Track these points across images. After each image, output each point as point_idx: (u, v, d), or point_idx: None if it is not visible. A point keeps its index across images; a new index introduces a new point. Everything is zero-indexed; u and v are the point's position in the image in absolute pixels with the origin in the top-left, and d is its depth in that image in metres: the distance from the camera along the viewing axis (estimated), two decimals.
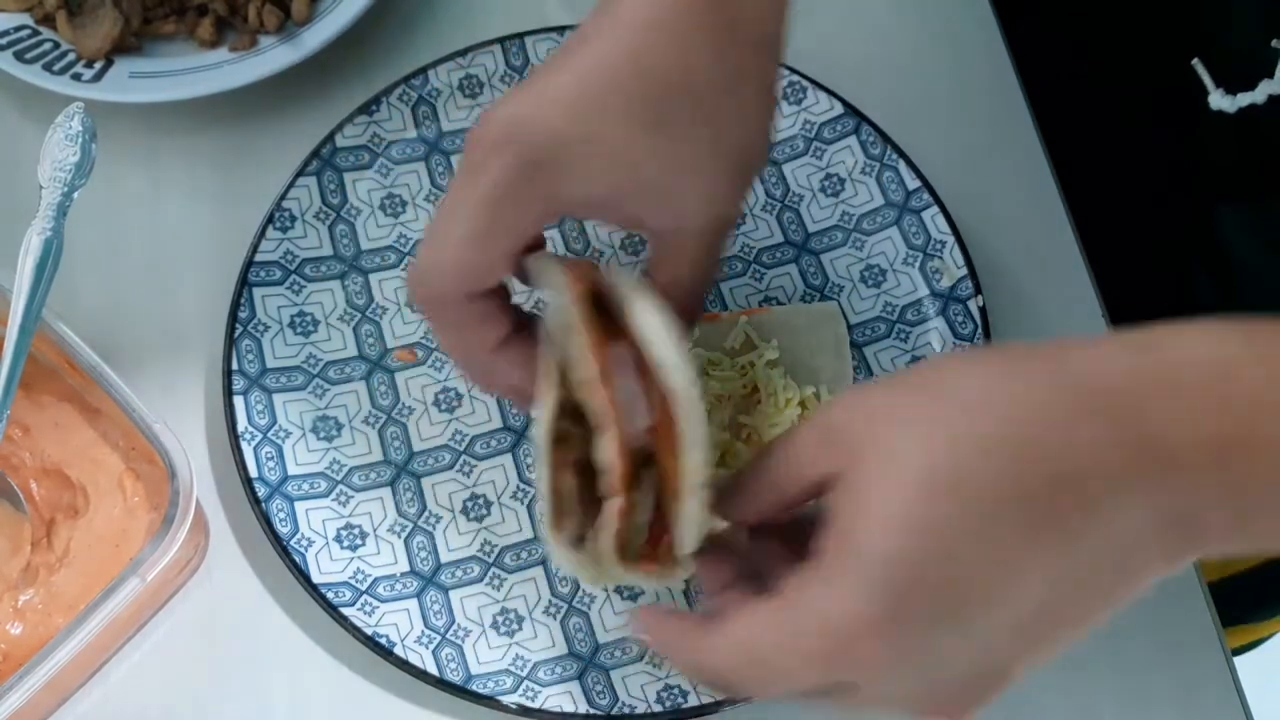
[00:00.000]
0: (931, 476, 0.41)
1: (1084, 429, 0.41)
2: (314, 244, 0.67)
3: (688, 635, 0.45)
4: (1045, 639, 0.43)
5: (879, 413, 0.43)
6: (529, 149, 0.47)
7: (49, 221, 0.60)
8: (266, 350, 0.65)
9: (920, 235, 0.68)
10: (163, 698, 0.60)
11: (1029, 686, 0.61)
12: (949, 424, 0.41)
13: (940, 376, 0.44)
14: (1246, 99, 0.65)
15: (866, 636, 0.41)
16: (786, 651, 0.42)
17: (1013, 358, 0.43)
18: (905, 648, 0.41)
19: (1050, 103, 0.74)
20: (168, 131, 0.72)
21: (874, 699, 0.43)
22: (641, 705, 0.58)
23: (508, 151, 0.47)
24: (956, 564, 0.41)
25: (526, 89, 0.49)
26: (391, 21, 0.75)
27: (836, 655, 0.41)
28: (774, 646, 0.42)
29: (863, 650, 0.41)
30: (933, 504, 0.41)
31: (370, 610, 0.60)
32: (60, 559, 0.59)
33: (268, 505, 0.61)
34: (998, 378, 0.42)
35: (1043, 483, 0.41)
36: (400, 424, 0.64)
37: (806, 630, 0.42)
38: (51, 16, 0.72)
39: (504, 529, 0.62)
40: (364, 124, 0.69)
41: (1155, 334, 0.42)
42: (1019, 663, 0.43)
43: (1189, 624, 0.63)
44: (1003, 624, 0.42)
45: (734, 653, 0.44)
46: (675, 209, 0.50)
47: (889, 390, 0.44)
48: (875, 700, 0.43)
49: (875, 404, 0.44)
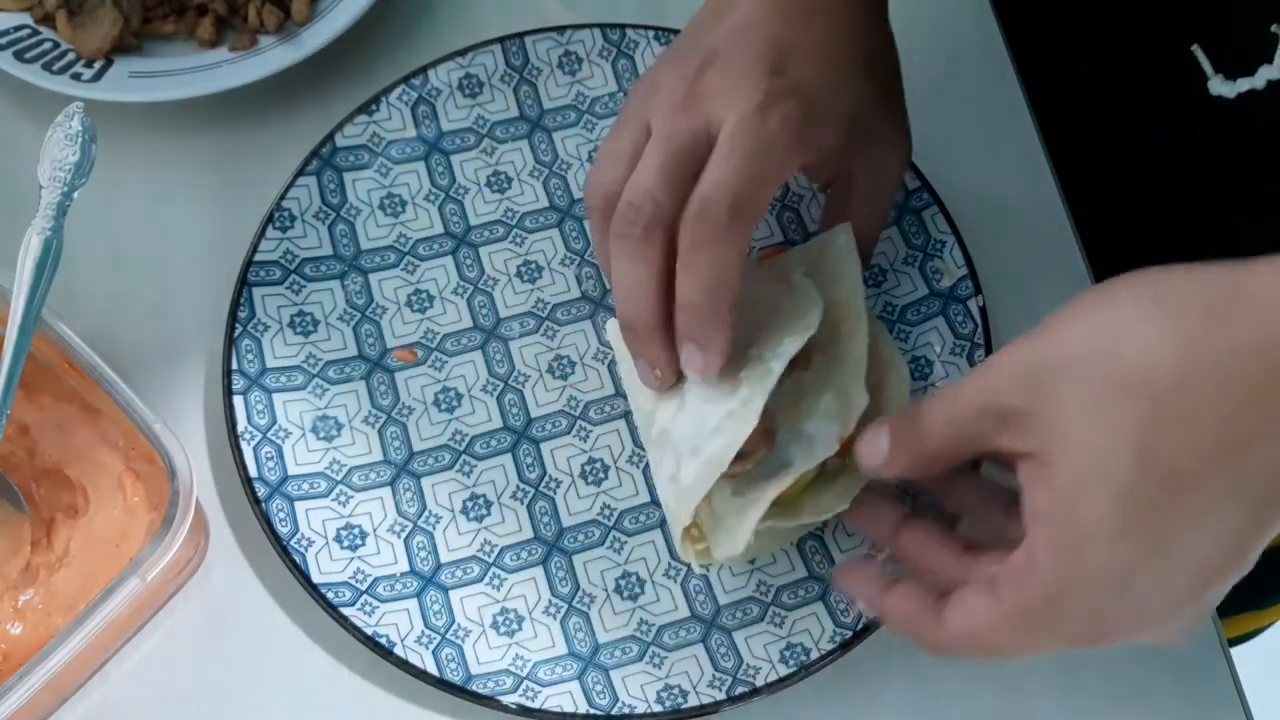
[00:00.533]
0: (1137, 477, 0.44)
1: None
2: (314, 243, 0.67)
3: (919, 621, 0.50)
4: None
5: (1068, 401, 0.45)
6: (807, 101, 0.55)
7: (49, 221, 0.60)
8: (266, 350, 0.65)
9: (920, 235, 0.68)
10: (163, 698, 0.60)
11: (1023, 680, 0.61)
12: (1146, 417, 0.44)
13: (1119, 347, 0.45)
14: (1246, 84, 0.65)
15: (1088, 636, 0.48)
16: (1013, 645, 0.48)
17: (1191, 318, 0.44)
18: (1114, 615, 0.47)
19: (1050, 103, 0.74)
20: (168, 131, 0.72)
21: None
22: (641, 705, 0.58)
23: (792, 100, 0.55)
24: (1164, 558, 0.45)
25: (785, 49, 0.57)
26: (391, 21, 0.75)
27: (1056, 641, 0.48)
28: (1002, 642, 0.48)
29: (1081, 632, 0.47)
30: (1142, 512, 0.44)
31: (370, 610, 0.60)
32: (60, 559, 0.59)
33: (268, 505, 0.61)
34: (1186, 348, 0.44)
35: (1238, 447, 0.44)
36: (400, 424, 0.64)
37: (1030, 627, 0.47)
38: (51, 16, 0.72)
39: (504, 529, 0.62)
40: (364, 124, 0.69)
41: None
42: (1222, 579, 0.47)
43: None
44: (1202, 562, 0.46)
45: (964, 645, 0.49)
46: (884, 156, 0.60)
47: (1070, 373, 0.46)
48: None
49: (1061, 389, 0.46)
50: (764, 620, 0.60)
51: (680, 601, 0.61)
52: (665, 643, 0.60)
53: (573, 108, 0.71)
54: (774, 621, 0.60)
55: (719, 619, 0.61)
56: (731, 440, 0.55)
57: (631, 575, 0.61)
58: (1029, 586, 0.46)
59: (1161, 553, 0.45)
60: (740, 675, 0.59)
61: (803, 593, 0.61)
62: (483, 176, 0.70)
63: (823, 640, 0.60)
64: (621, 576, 0.61)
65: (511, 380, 0.65)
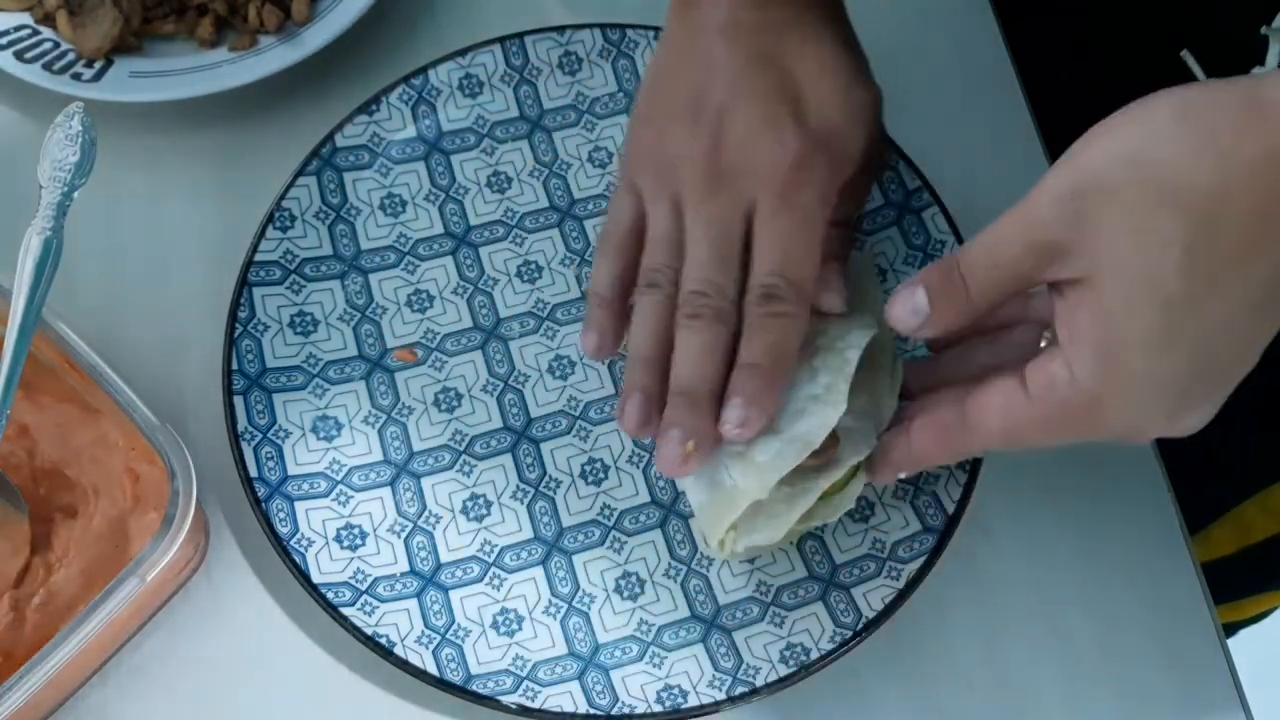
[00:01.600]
0: (1181, 290, 0.47)
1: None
2: (314, 243, 0.67)
3: (948, 438, 0.55)
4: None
5: (1113, 226, 0.48)
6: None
7: (49, 221, 0.60)
8: (266, 350, 0.65)
9: (920, 235, 0.68)
10: (163, 698, 0.60)
11: (1023, 678, 0.61)
12: (1189, 232, 0.47)
13: (1157, 169, 0.47)
14: None
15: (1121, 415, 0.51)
16: (1050, 441, 0.53)
17: (1220, 132, 0.46)
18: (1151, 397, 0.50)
19: (1050, 103, 0.74)
20: (167, 131, 0.72)
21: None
22: (641, 705, 0.58)
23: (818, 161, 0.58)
24: (1199, 362, 0.49)
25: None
26: (391, 21, 0.75)
27: (1093, 438, 0.52)
28: (1038, 438, 0.53)
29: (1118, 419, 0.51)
30: (1184, 322, 0.48)
31: (370, 610, 0.60)
32: (60, 559, 0.59)
33: (267, 505, 0.61)
34: (1219, 162, 0.46)
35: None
36: (400, 424, 0.64)
37: (1067, 430, 0.52)
38: (51, 16, 0.72)
39: (504, 529, 0.62)
40: (364, 123, 0.69)
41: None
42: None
43: (1182, 604, 0.63)
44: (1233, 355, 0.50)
45: (996, 442, 0.54)
46: (870, 150, 0.61)
47: (1113, 199, 0.48)
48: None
49: (1105, 216, 0.48)
50: (764, 620, 0.60)
51: (680, 601, 0.61)
52: (665, 643, 0.60)
53: (573, 108, 0.71)
54: (774, 621, 0.60)
55: (719, 619, 0.61)
56: (823, 422, 0.57)
57: (631, 575, 0.61)
58: (1067, 393, 0.50)
59: (1197, 359, 0.49)
60: (740, 675, 0.59)
61: (803, 593, 0.61)
62: (483, 176, 0.70)
63: (823, 640, 0.60)
64: (621, 576, 0.61)
65: (511, 380, 0.65)
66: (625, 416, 0.58)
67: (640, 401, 0.58)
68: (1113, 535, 0.64)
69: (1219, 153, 0.46)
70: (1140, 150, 0.48)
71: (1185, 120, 0.47)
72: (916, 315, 0.53)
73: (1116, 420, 0.51)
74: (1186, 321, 0.48)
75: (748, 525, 0.57)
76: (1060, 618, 0.63)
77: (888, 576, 0.61)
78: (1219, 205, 0.46)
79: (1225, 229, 0.47)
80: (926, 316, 0.53)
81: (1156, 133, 0.48)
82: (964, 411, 0.54)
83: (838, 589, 0.61)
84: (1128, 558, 0.64)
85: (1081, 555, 0.64)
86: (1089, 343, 0.50)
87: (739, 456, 0.57)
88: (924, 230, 0.68)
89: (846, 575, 0.61)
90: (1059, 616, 0.63)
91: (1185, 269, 0.47)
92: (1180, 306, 0.48)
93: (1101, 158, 0.49)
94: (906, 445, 0.57)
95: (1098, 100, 0.73)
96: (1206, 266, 0.47)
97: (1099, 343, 0.49)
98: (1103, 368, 0.50)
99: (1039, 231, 0.50)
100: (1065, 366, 0.50)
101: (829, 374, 0.58)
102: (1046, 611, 0.63)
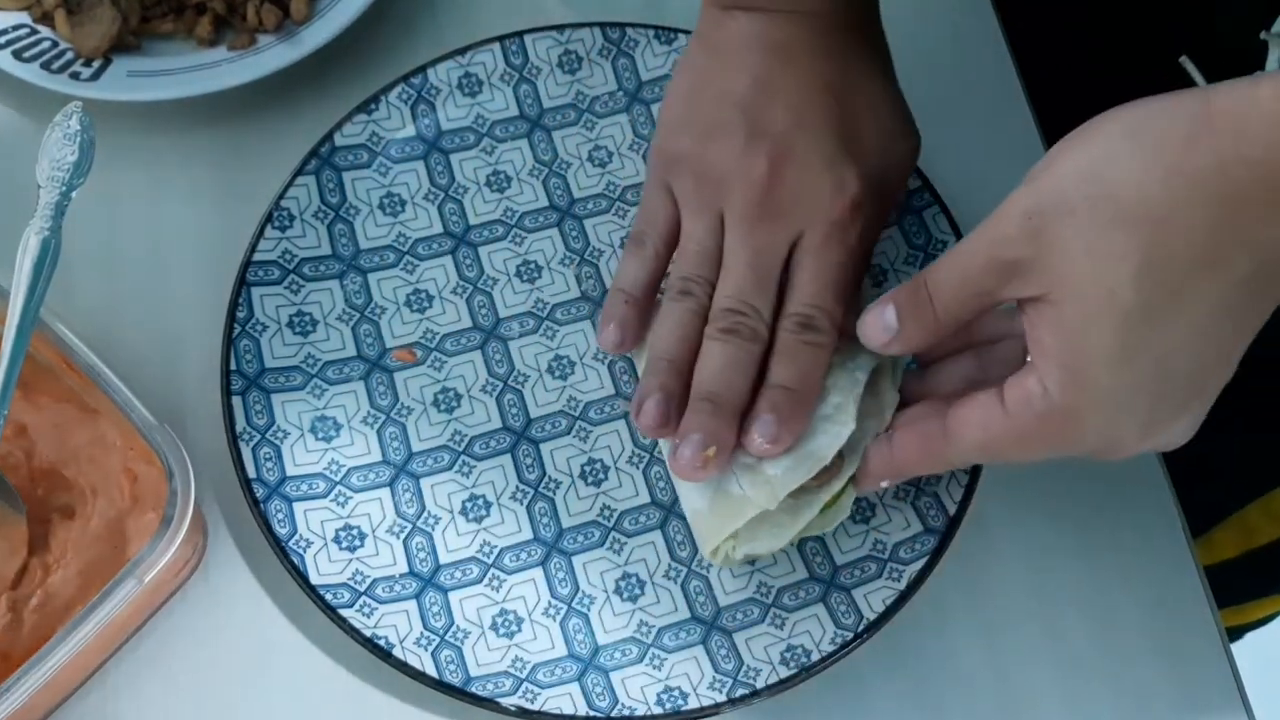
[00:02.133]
0: (1139, 303, 0.47)
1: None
2: (312, 243, 0.67)
3: (928, 447, 0.56)
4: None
5: (1070, 244, 0.48)
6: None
7: (47, 221, 0.60)
8: (265, 350, 0.64)
9: (920, 235, 0.68)
10: (161, 699, 0.60)
11: (1023, 678, 0.61)
12: (1145, 247, 0.47)
13: (1112, 185, 0.48)
14: None
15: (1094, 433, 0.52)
16: (1026, 456, 0.54)
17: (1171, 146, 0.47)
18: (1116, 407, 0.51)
19: (1050, 102, 0.74)
20: (166, 130, 0.71)
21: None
22: (641, 707, 0.58)
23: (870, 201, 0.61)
24: (1164, 376, 0.49)
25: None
26: (391, 20, 0.75)
27: (1070, 454, 0.53)
28: (1016, 453, 0.54)
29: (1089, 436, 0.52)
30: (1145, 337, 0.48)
31: (369, 612, 0.59)
32: (58, 560, 0.59)
33: (266, 506, 0.61)
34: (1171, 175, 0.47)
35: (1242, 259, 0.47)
36: (399, 424, 0.64)
37: (1042, 444, 0.52)
38: (50, 15, 0.71)
39: (503, 530, 0.62)
40: (363, 123, 0.69)
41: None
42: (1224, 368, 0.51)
43: (1185, 610, 0.63)
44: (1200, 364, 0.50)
45: (974, 455, 0.55)
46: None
47: (1069, 216, 0.48)
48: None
49: (1063, 234, 0.48)
50: (764, 622, 0.60)
51: (680, 603, 0.61)
52: (665, 644, 0.60)
53: (572, 107, 0.71)
54: (774, 623, 0.60)
55: (719, 620, 0.60)
56: (833, 440, 0.57)
57: (631, 576, 0.61)
58: (1041, 408, 0.51)
59: (1163, 371, 0.49)
60: (741, 677, 0.59)
61: (803, 594, 0.61)
62: (482, 176, 0.69)
63: (823, 642, 0.60)
64: (621, 578, 0.61)
65: (511, 380, 0.65)
66: (643, 413, 0.58)
67: (661, 400, 0.58)
68: (1115, 538, 0.64)
69: (1168, 167, 0.47)
70: (1094, 167, 0.48)
71: (1136, 136, 0.48)
72: (886, 332, 0.55)
73: (1089, 435, 0.51)
74: (1147, 334, 0.48)
75: (749, 534, 0.58)
76: (1061, 620, 0.62)
77: (889, 578, 0.61)
78: (1171, 218, 0.47)
79: (1179, 242, 0.47)
80: (896, 333, 0.54)
81: (1109, 149, 0.48)
82: (945, 423, 0.55)
83: (839, 590, 0.61)
84: (1129, 560, 0.64)
85: (1083, 557, 0.64)
86: (1054, 359, 0.50)
87: (750, 468, 0.58)
88: (924, 230, 0.68)
89: (847, 576, 0.61)
90: (1060, 619, 0.62)
91: (1141, 283, 0.47)
92: (1139, 320, 0.48)
93: (1059, 176, 0.49)
94: (889, 454, 0.57)
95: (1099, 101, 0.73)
96: (1163, 279, 0.47)
97: (1063, 358, 0.50)
98: (1070, 382, 0.50)
99: (1001, 249, 0.50)
100: (1039, 382, 0.51)
101: (839, 394, 0.58)
102: (1048, 614, 0.62)
